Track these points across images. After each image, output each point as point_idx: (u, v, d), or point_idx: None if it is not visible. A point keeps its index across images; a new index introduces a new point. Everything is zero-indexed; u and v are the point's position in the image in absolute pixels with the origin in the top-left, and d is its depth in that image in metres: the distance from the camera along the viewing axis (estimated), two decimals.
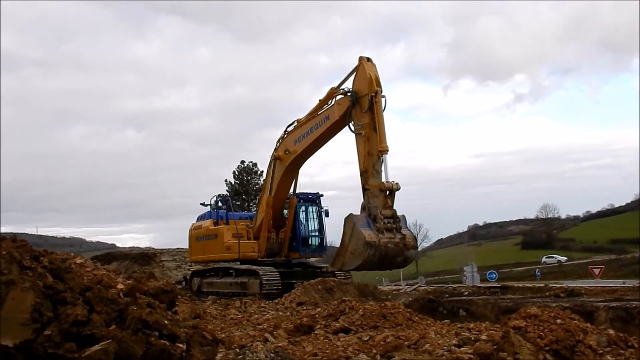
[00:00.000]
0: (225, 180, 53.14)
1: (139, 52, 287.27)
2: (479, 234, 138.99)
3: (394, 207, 16.61)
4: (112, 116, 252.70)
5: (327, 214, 22.82)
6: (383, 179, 16.71)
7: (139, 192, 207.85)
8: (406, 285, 43.21)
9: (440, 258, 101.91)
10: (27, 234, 79.96)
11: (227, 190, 52.19)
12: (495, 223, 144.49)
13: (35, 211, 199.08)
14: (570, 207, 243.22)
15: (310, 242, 22.78)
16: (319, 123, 19.37)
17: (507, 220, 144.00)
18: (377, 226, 16.04)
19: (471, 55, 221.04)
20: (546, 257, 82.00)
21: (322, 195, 23.53)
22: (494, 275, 38.71)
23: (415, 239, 17.17)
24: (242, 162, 52.95)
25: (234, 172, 52.92)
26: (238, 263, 22.11)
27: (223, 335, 8.86)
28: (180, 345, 5.44)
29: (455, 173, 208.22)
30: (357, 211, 16.70)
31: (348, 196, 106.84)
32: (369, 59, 17.76)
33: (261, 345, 8.63)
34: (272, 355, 5.25)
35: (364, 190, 16.89)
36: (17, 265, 5.45)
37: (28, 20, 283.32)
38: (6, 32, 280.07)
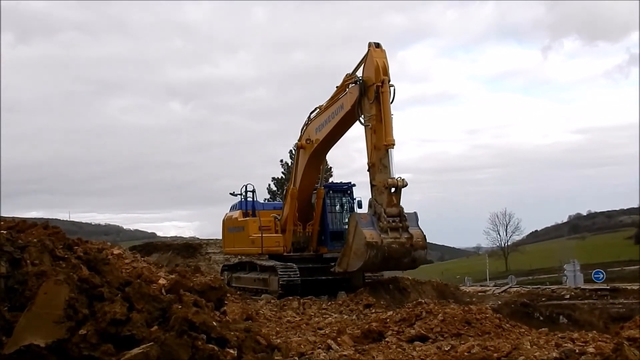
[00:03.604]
0: (281, 161, 53.54)
1: (188, 14, 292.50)
2: (582, 225, 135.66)
3: (401, 204, 18.08)
4: (156, 86, 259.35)
5: (360, 205, 23.52)
6: (396, 175, 18.03)
7: (184, 173, 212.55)
8: (494, 286, 42.63)
9: (535, 254, 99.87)
10: (59, 219, 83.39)
11: (282, 172, 52.62)
12: (603, 212, 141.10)
13: (69, 194, 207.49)
14: None
15: (340, 236, 23.27)
16: (336, 111, 20.63)
17: (617, 209, 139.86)
18: (380, 225, 17.51)
19: (576, 10, 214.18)
20: None
21: (354, 185, 24.55)
22: (601, 275, 37.85)
23: (425, 238, 18.39)
24: None
25: (291, 150, 53.17)
26: (266, 257, 23.29)
27: (279, 341, 8.96)
28: (231, 350, 5.51)
29: (554, 152, 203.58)
30: (433, 197, 17.32)
31: (425, 180, 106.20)
32: (378, 45, 18.89)
33: (323, 354, 8.69)
34: None
35: (371, 186, 18.46)
36: (50, 255, 5.65)
37: None
38: None
